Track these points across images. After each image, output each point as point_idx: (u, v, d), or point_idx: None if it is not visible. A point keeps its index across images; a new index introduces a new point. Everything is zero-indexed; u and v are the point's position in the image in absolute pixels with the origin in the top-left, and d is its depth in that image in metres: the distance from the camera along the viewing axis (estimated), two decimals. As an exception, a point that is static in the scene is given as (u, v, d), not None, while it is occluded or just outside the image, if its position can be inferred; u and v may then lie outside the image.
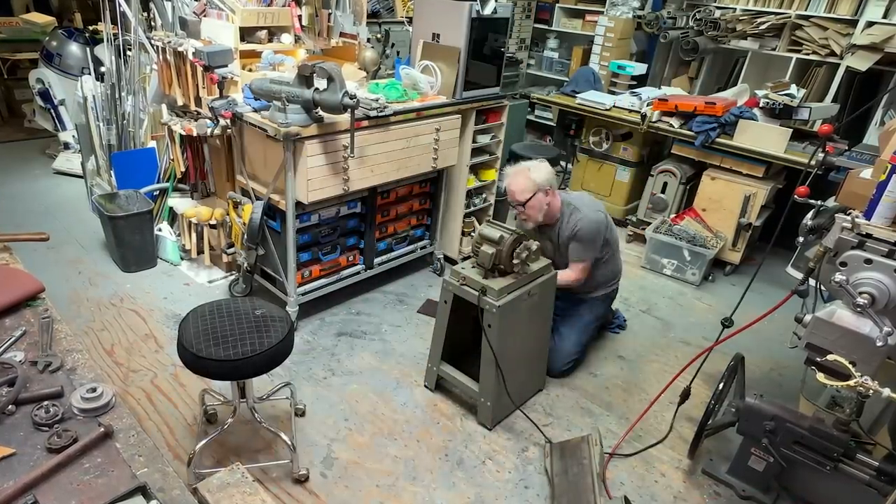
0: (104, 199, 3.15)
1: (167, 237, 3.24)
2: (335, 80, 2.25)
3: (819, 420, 1.86)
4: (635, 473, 2.20)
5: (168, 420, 2.23)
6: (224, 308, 1.89)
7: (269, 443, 2.17)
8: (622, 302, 3.32)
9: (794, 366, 2.81)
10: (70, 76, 4.27)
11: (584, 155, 4.32)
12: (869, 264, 1.59)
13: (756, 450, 2.01)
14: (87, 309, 2.84)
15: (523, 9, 5.54)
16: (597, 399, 2.57)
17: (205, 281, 3.14)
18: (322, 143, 2.45)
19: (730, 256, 3.66)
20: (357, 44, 3.21)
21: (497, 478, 2.13)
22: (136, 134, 3.48)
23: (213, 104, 2.56)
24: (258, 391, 2.14)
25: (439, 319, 2.37)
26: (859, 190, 1.81)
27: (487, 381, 2.26)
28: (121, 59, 3.39)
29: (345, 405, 2.40)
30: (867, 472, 1.79)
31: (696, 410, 2.47)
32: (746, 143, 3.42)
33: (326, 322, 2.92)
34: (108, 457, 1.07)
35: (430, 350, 2.45)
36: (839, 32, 3.90)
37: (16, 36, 4.95)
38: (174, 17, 2.98)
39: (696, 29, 4.50)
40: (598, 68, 4.89)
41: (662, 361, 2.87)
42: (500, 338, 2.17)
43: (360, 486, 2.05)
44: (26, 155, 4.70)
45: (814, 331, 1.69)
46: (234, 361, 1.70)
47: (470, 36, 2.86)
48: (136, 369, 2.47)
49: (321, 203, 2.63)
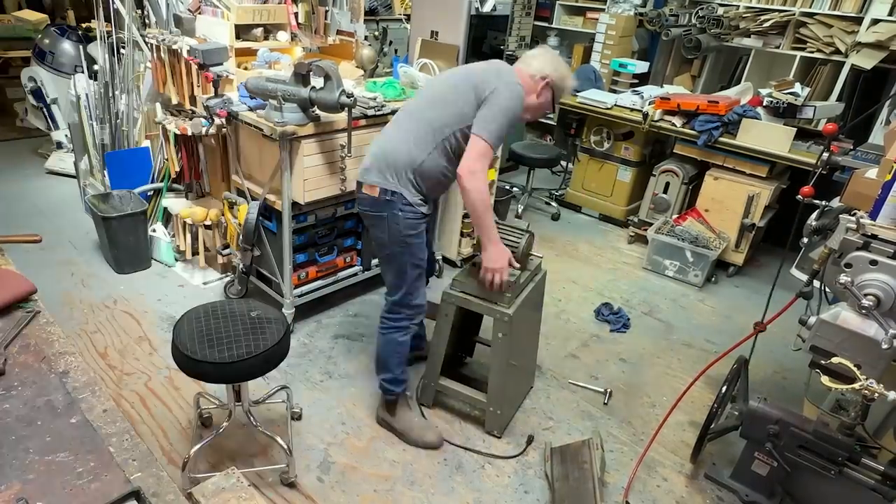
0: (97, 200, 3.12)
1: (161, 238, 3.20)
2: (332, 78, 2.22)
3: (824, 424, 1.84)
4: (637, 478, 2.17)
5: (162, 424, 2.20)
6: (219, 310, 1.86)
7: (265, 447, 2.14)
8: (624, 303, 3.29)
9: (799, 369, 2.79)
10: (63, 74, 4.23)
11: (584, 154, 4.30)
12: (874, 265, 1.57)
13: (760, 454, 1.98)
14: (80, 311, 2.80)
15: (523, 6, 5.49)
16: (598, 402, 2.54)
17: (199, 282, 3.11)
18: (319, 142, 2.42)
19: (733, 258, 3.63)
20: (354, 41, 3.18)
21: (496, 482, 2.10)
22: (130, 133, 3.45)
23: (208, 103, 2.53)
24: (254, 394, 2.11)
25: (439, 335, 2.24)
26: (864, 190, 1.79)
27: (497, 390, 2.20)
28: (114, 58, 3.35)
29: (342, 409, 2.37)
30: (872, 476, 1.77)
31: (699, 414, 2.44)
32: (750, 143, 3.39)
33: (323, 324, 2.88)
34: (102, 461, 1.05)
35: (427, 365, 2.34)
36: (844, 30, 3.87)
37: (7, 34, 4.90)
38: (168, 15, 2.95)
39: (699, 26, 4.47)
40: (600, 66, 4.86)
41: (664, 364, 2.84)
42: (511, 343, 2.12)
43: (357, 490, 2.02)
44: (18, 155, 4.65)
45: (818, 333, 1.67)
46: (229, 364, 1.67)
47: (469, 33, 2.84)
48: (129, 372, 2.44)
49: (318, 203, 2.59)
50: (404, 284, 2.06)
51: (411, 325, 2.15)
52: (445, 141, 1.93)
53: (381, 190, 1.93)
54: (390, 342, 2.15)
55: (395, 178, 1.93)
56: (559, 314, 3.15)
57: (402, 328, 2.14)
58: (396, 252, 2.01)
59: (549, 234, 4.09)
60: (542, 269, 2.36)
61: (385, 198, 1.93)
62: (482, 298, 2.11)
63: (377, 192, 1.94)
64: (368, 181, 1.96)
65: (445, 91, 1.98)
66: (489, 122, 1.85)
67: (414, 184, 1.95)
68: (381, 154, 1.96)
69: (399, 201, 1.93)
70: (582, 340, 2.96)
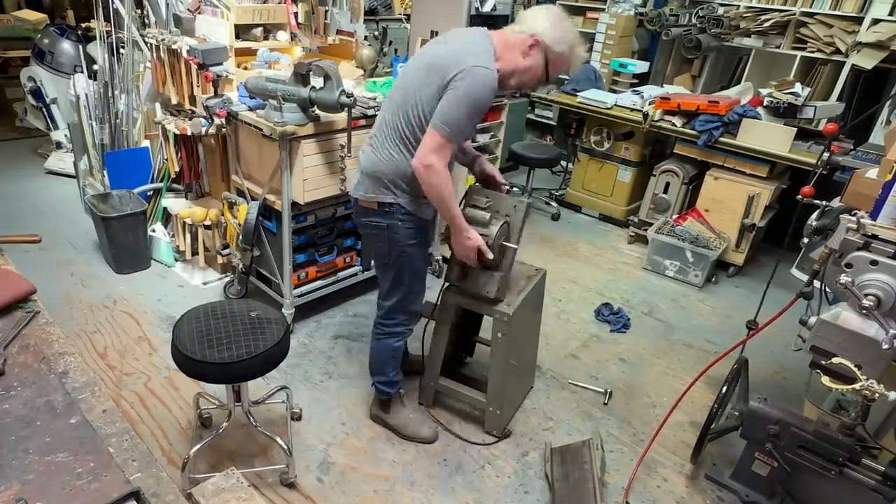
0: (97, 200, 3.12)
1: (161, 238, 3.20)
2: (332, 78, 2.22)
3: (824, 424, 1.84)
4: (637, 478, 2.17)
5: (162, 424, 2.20)
6: (219, 310, 1.86)
7: (265, 447, 2.13)
8: (624, 304, 3.29)
9: (799, 369, 2.78)
10: (62, 74, 4.22)
11: (585, 154, 4.29)
12: (875, 266, 1.57)
13: (760, 454, 1.98)
14: (80, 311, 2.80)
15: (523, 5, 5.50)
16: (598, 402, 2.53)
17: (199, 283, 3.11)
18: (318, 142, 2.41)
19: (733, 258, 3.63)
20: (354, 41, 3.17)
21: (496, 483, 2.10)
22: (130, 133, 3.44)
23: (208, 103, 2.53)
24: (254, 395, 2.11)
25: (438, 334, 2.24)
26: (865, 190, 1.79)
27: (496, 390, 2.20)
28: (114, 57, 3.34)
29: (342, 409, 2.36)
30: (873, 476, 1.76)
31: (699, 414, 2.44)
32: (750, 143, 3.38)
33: (323, 324, 2.88)
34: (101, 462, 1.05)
35: (427, 365, 2.33)
36: (844, 30, 3.87)
37: (7, 33, 4.89)
38: (168, 15, 2.95)
39: (699, 26, 4.46)
40: (600, 66, 4.86)
41: (664, 364, 2.83)
42: (511, 343, 2.12)
43: (357, 491, 2.01)
44: (17, 155, 4.65)
45: (819, 333, 1.66)
46: (229, 364, 1.67)
47: (469, 33, 2.82)
48: (129, 372, 2.44)
49: (318, 203, 2.59)
50: (401, 291, 2.01)
51: (406, 331, 2.12)
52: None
53: (380, 203, 1.86)
54: (385, 348, 2.11)
55: (389, 191, 1.84)
56: (559, 314, 3.15)
57: (398, 334, 2.10)
58: (396, 261, 1.95)
59: (549, 234, 4.09)
60: (542, 270, 2.36)
61: (385, 209, 1.86)
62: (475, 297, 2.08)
63: (376, 206, 1.87)
64: (365, 196, 1.88)
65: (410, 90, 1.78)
66: (446, 112, 1.67)
67: (409, 192, 1.85)
68: (369, 168, 1.86)
69: (398, 212, 1.86)
70: (582, 340, 2.96)
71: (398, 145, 1.81)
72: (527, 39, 1.72)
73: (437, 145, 1.69)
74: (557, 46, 1.73)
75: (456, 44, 1.77)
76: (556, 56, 1.75)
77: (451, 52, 1.72)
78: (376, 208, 1.88)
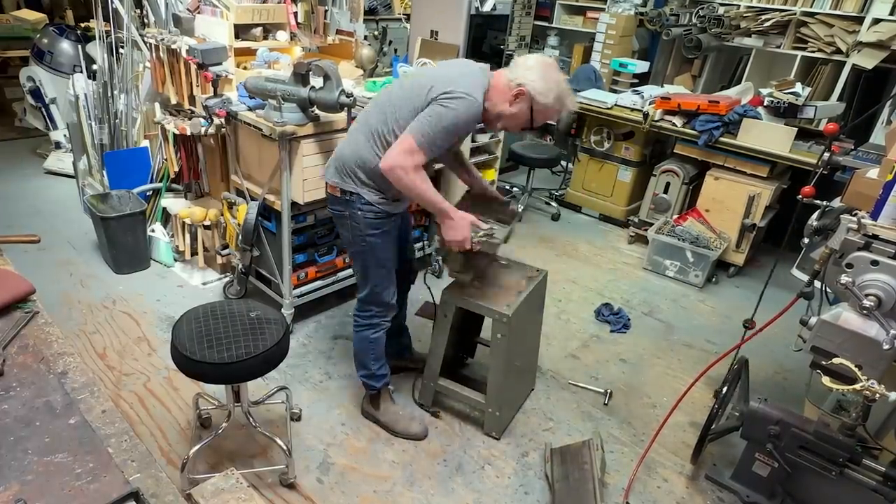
0: (96, 200, 3.11)
1: (160, 238, 3.20)
2: (331, 78, 2.22)
3: (824, 424, 1.83)
4: (637, 479, 2.16)
5: (161, 425, 2.19)
6: (218, 310, 1.86)
7: (265, 448, 2.13)
8: (624, 304, 3.28)
9: (799, 369, 2.78)
10: (61, 74, 4.22)
11: (585, 154, 4.29)
12: (875, 266, 1.57)
13: (760, 455, 1.98)
14: (79, 311, 2.79)
15: (523, 5, 5.49)
16: (598, 403, 2.53)
17: (198, 283, 3.10)
18: (318, 142, 2.41)
19: (733, 258, 3.63)
20: (354, 41, 3.17)
21: (496, 483, 2.09)
22: (129, 133, 3.44)
23: (208, 103, 2.53)
24: (253, 395, 2.11)
25: (438, 334, 2.24)
26: (865, 190, 1.79)
27: (496, 391, 2.20)
28: (113, 57, 3.34)
29: (341, 409, 2.36)
30: (874, 477, 1.76)
31: (700, 415, 2.44)
32: (750, 143, 3.38)
33: (323, 325, 2.88)
34: (100, 462, 1.05)
35: (427, 365, 2.33)
36: (845, 30, 3.87)
37: (6, 33, 4.88)
38: (167, 14, 2.95)
39: (700, 26, 4.47)
40: (600, 66, 4.86)
41: (665, 364, 2.83)
42: (510, 345, 2.11)
43: (356, 491, 2.01)
44: (17, 155, 4.64)
45: (819, 334, 1.66)
46: (228, 364, 1.67)
47: (469, 33, 2.83)
48: (128, 373, 2.43)
49: (317, 203, 2.58)
50: (369, 282, 2.07)
51: (382, 323, 2.16)
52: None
53: (342, 190, 1.94)
54: (363, 339, 2.18)
55: (351, 179, 1.92)
56: (559, 314, 3.15)
57: (374, 325, 2.15)
58: (360, 250, 2.01)
59: (549, 235, 4.09)
60: (544, 271, 2.35)
61: (345, 198, 1.94)
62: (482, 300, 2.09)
63: (338, 192, 1.95)
64: (330, 181, 1.97)
65: (396, 95, 1.87)
66: (424, 124, 1.74)
67: (371, 185, 1.91)
68: (338, 155, 1.96)
69: (357, 201, 1.92)
70: (582, 341, 2.95)
71: (366, 137, 1.89)
72: (514, 88, 1.79)
73: (409, 149, 1.75)
74: (542, 98, 1.79)
75: (455, 69, 1.89)
76: (541, 107, 1.82)
77: (447, 74, 1.83)
78: (339, 195, 1.95)
